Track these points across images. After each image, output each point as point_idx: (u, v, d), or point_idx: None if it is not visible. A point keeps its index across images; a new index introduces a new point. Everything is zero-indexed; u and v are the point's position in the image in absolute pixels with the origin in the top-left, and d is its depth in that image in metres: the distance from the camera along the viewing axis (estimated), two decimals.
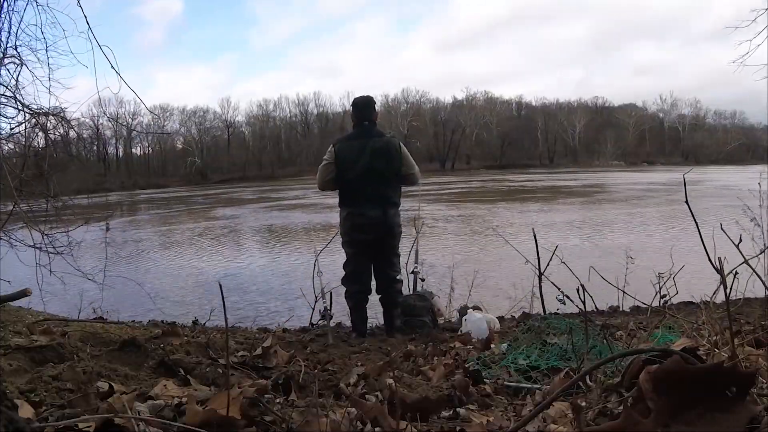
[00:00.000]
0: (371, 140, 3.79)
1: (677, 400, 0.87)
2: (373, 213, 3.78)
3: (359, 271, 3.92)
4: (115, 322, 3.90)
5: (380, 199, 3.79)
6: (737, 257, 1.72)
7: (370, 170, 3.75)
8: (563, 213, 15.52)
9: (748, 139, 74.76)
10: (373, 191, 3.78)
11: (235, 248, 11.25)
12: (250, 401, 1.20)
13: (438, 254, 8.50)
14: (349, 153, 3.81)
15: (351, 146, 3.84)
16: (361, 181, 3.78)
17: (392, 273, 3.95)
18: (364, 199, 3.81)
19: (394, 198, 3.87)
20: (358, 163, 3.76)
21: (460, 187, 31.48)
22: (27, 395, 1.37)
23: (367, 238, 3.84)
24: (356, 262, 3.93)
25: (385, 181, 3.80)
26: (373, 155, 3.75)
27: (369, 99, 4.00)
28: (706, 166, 53.31)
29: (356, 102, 3.98)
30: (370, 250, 3.89)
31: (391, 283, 3.94)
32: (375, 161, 3.75)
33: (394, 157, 3.78)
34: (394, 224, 3.85)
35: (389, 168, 3.78)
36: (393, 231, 3.86)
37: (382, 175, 3.77)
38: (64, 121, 4.63)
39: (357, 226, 3.84)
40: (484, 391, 1.70)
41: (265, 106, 76.90)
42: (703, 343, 1.60)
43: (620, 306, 4.34)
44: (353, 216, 3.85)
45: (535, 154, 76.39)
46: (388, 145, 3.80)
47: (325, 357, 2.58)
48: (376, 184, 3.78)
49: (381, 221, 3.79)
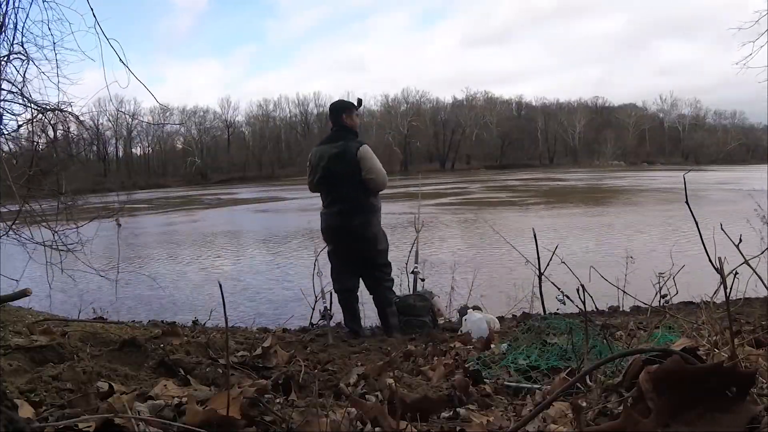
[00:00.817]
0: (331, 144, 3.89)
1: (677, 400, 0.87)
2: (334, 219, 3.89)
3: (337, 271, 4.01)
4: (115, 322, 3.90)
5: (346, 202, 3.83)
6: (737, 257, 1.72)
7: (329, 174, 3.85)
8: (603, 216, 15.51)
9: (748, 139, 74.81)
10: (338, 194, 3.86)
11: (235, 248, 11.25)
12: (250, 401, 1.20)
13: (438, 254, 8.50)
14: (315, 157, 3.96)
15: (317, 151, 3.97)
16: (324, 185, 3.91)
17: (377, 274, 3.97)
18: (330, 201, 3.92)
19: (360, 204, 3.84)
20: (319, 167, 3.89)
21: (460, 186, 31.47)
22: (27, 395, 1.37)
23: (332, 241, 3.98)
24: (333, 261, 4.03)
25: (348, 184, 3.81)
26: (330, 159, 3.83)
27: (338, 104, 4.08)
28: (706, 165, 53.29)
29: (330, 107, 4.12)
30: (345, 252, 3.96)
31: (378, 283, 3.97)
32: (333, 165, 3.82)
33: (350, 161, 3.79)
34: (359, 234, 3.85)
35: (346, 172, 3.80)
36: (361, 236, 3.86)
37: (342, 178, 3.81)
38: (71, 116, 4.62)
39: (324, 229, 4.01)
40: (484, 391, 1.70)
41: (265, 106, 77.14)
42: (703, 343, 1.60)
43: (620, 306, 4.34)
44: (321, 217, 4.01)
45: (535, 154, 76.43)
46: (344, 149, 3.81)
47: (325, 357, 2.59)
48: (339, 187, 3.84)
49: (339, 228, 3.87)
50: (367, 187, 3.83)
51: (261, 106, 77.09)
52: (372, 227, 3.90)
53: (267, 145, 74.60)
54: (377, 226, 3.95)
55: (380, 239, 3.97)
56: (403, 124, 71.60)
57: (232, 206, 24.37)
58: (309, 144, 70.34)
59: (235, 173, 67.89)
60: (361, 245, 3.89)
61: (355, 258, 3.95)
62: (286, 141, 75.63)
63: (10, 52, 3.90)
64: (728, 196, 17.84)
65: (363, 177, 3.80)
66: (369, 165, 3.81)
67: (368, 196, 3.87)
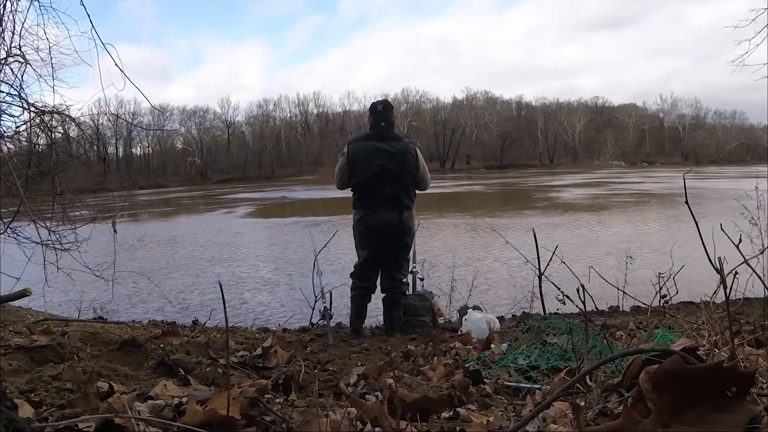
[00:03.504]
0: (386, 143, 3.78)
1: (677, 400, 0.87)
2: (388, 217, 3.78)
3: (368, 273, 3.96)
4: (115, 322, 3.91)
5: (394, 202, 3.78)
6: (737, 257, 1.72)
7: (383, 172, 3.73)
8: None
9: (748, 139, 74.81)
10: (388, 194, 3.77)
11: (235, 248, 11.24)
12: (250, 401, 1.20)
13: (438, 254, 8.49)
14: (361, 154, 3.80)
15: (364, 147, 3.82)
16: (374, 183, 3.77)
17: (399, 275, 3.98)
18: (377, 202, 3.80)
19: (408, 201, 3.85)
20: (370, 165, 3.75)
21: (461, 186, 31.46)
22: (27, 395, 1.37)
23: (382, 242, 3.86)
24: (366, 263, 3.94)
25: (399, 184, 3.78)
26: (388, 158, 3.73)
27: (387, 102, 4.04)
28: (706, 166, 53.25)
29: (374, 104, 3.98)
30: (383, 253, 3.92)
31: (397, 285, 3.96)
32: (389, 163, 3.73)
33: (410, 162, 3.77)
34: (408, 227, 3.86)
35: (404, 171, 3.76)
36: (407, 234, 3.89)
37: (397, 178, 3.75)
38: (69, 119, 4.64)
39: (371, 230, 3.83)
40: (484, 391, 1.70)
41: (265, 106, 77.09)
42: (703, 343, 1.60)
43: (620, 306, 4.35)
44: (367, 219, 3.84)
45: (535, 154, 76.39)
46: (405, 149, 3.78)
47: (325, 357, 2.58)
48: (390, 187, 3.76)
49: (395, 224, 3.80)
50: (418, 187, 3.88)
51: (261, 106, 77.21)
52: (414, 222, 3.96)
53: (267, 145, 74.60)
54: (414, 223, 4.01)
55: (413, 238, 4.05)
56: (403, 124, 71.53)
57: (231, 205, 24.36)
58: (309, 144, 70.75)
59: (235, 173, 67.91)
60: (405, 244, 3.93)
61: (393, 257, 3.93)
62: (286, 141, 75.64)
63: (8, 54, 3.91)
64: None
65: (419, 177, 3.82)
66: (424, 166, 3.85)
67: (413, 196, 3.91)
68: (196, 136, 72.44)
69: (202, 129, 73.47)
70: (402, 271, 4.00)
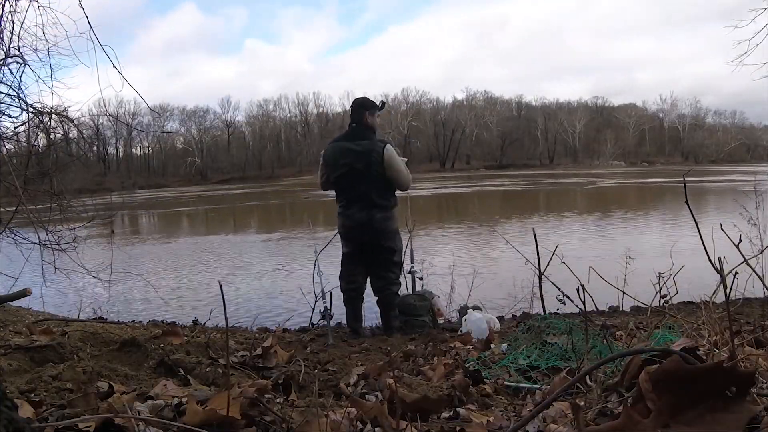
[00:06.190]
0: (354, 142, 3.84)
1: (677, 400, 0.87)
2: (359, 215, 3.83)
3: (350, 270, 3.99)
4: (115, 322, 3.91)
5: (365, 201, 3.81)
6: (737, 257, 1.72)
7: (351, 171, 3.80)
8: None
9: (748, 139, 74.82)
10: (358, 193, 3.83)
11: (234, 248, 11.24)
12: (250, 401, 1.20)
13: (438, 254, 8.49)
14: (333, 154, 3.90)
15: (336, 147, 3.92)
16: (344, 183, 3.86)
17: (388, 275, 3.96)
18: (348, 200, 3.89)
19: (381, 200, 3.84)
20: (339, 164, 3.84)
21: (461, 187, 31.45)
22: (27, 395, 1.37)
23: (357, 239, 3.92)
24: (347, 260, 4.01)
25: (368, 183, 3.79)
26: (353, 157, 3.79)
27: (362, 101, 4.03)
28: (705, 165, 53.24)
29: (353, 102, 4.06)
30: (362, 251, 3.94)
31: (387, 285, 3.96)
32: (356, 162, 3.79)
33: (375, 161, 3.77)
34: (382, 228, 3.85)
35: (370, 170, 3.78)
36: (382, 234, 3.87)
37: (364, 176, 3.79)
38: (67, 120, 4.64)
39: (344, 227, 3.95)
40: (484, 391, 1.70)
41: (265, 106, 77.09)
42: (703, 343, 1.60)
43: (620, 306, 4.34)
44: (341, 217, 3.95)
45: (535, 154, 76.39)
46: (371, 147, 3.80)
47: (325, 357, 2.58)
48: (359, 186, 3.81)
49: (366, 224, 3.83)
50: (391, 186, 3.87)
51: (261, 106, 77.22)
52: (393, 223, 3.94)
53: (267, 145, 74.60)
54: (397, 223, 3.99)
55: (398, 238, 4.02)
56: (403, 124, 71.52)
57: (230, 205, 24.36)
58: (309, 144, 70.61)
59: (235, 173, 67.92)
60: (382, 240, 3.90)
61: (377, 257, 3.93)
62: (286, 141, 75.62)
63: (6, 55, 3.91)
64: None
65: (388, 176, 3.81)
66: (395, 165, 3.83)
67: (389, 195, 3.90)
68: (196, 136, 72.45)
69: (202, 129, 73.50)
70: (391, 271, 3.98)
